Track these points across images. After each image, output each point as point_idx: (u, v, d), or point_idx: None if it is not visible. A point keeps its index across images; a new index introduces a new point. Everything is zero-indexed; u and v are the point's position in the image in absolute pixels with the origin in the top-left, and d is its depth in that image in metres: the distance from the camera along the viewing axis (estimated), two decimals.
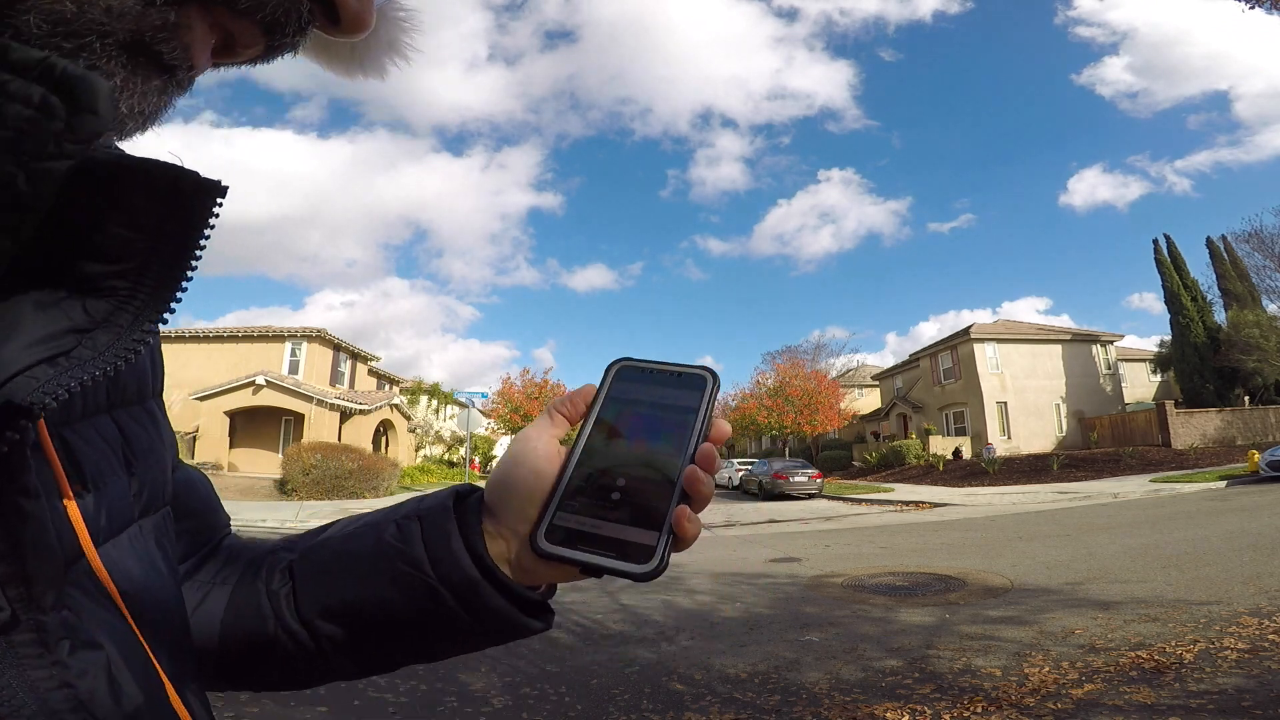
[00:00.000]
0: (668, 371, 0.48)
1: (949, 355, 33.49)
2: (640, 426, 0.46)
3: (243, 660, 0.51)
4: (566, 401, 0.48)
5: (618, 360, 0.49)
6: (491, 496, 0.47)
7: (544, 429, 0.47)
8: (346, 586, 0.49)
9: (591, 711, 3.92)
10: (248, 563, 0.55)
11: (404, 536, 0.48)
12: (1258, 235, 30.09)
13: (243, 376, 25.18)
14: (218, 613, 0.52)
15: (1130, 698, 3.67)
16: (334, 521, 0.55)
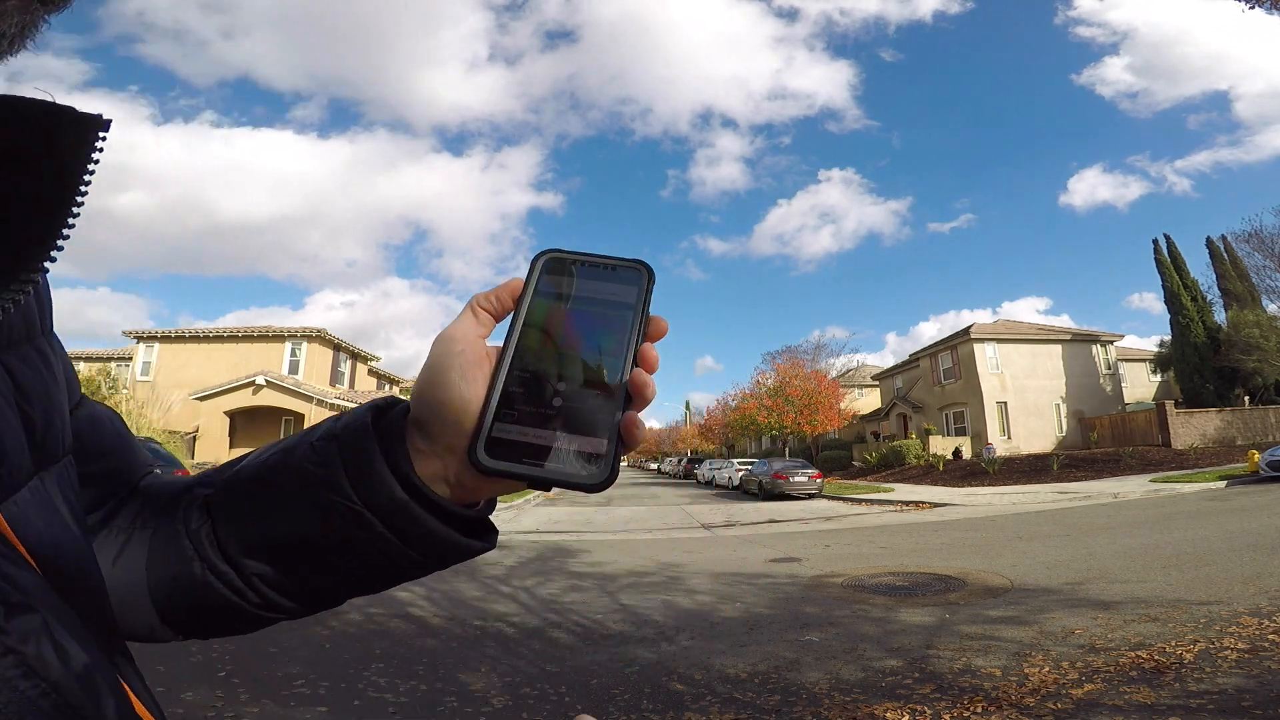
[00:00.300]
0: (600, 264, 0.45)
1: (949, 355, 33.48)
2: (575, 325, 0.43)
3: (178, 608, 0.48)
4: (491, 296, 0.44)
5: (544, 251, 0.46)
6: (419, 410, 0.42)
7: (468, 328, 0.43)
8: (266, 519, 0.46)
9: (591, 711, 3.92)
10: (165, 503, 0.51)
11: (320, 459, 0.45)
12: (1258, 235, 30.09)
13: (243, 376, 25.19)
14: (141, 560, 0.48)
15: (1130, 698, 3.67)
16: (254, 450, 0.51)
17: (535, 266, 0.45)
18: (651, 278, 0.45)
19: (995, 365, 31.48)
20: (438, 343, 0.43)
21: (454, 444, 0.42)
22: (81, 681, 0.32)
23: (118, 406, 20.87)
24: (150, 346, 27.33)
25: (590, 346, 0.42)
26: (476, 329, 0.43)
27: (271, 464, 0.47)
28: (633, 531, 14.11)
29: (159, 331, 27.64)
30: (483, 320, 0.43)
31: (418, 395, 0.42)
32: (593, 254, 0.45)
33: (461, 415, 0.41)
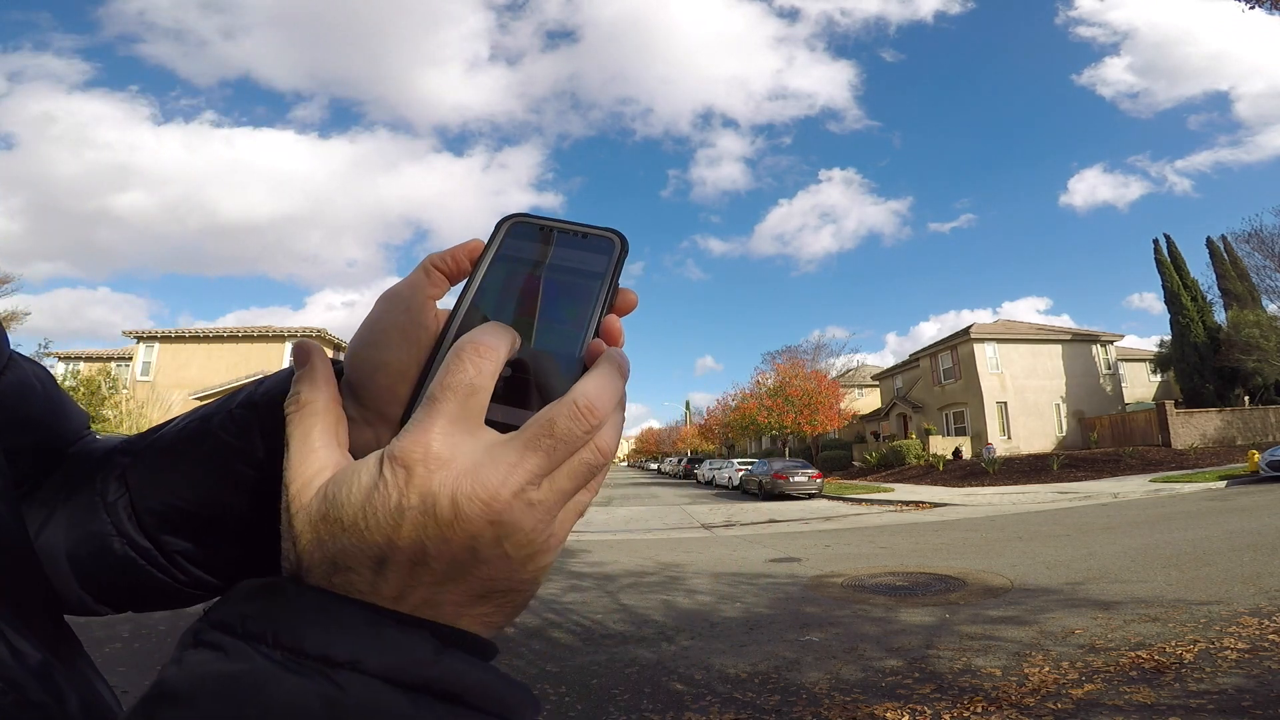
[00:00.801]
0: (570, 231, 0.41)
1: (949, 355, 33.48)
2: (536, 293, 0.39)
3: (103, 585, 0.45)
4: (447, 256, 0.39)
5: (511, 215, 0.42)
6: (352, 371, 0.38)
7: (418, 287, 0.38)
8: (180, 493, 0.42)
9: (591, 711, 3.92)
10: (85, 473, 0.47)
11: (239, 429, 0.41)
12: (1258, 235, 30.10)
13: (242, 376, 25.16)
14: (61, 535, 0.44)
15: (1130, 698, 3.67)
16: (178, 416, 0.48)
17: (499, 230, 0.41)
18: (624, 248, 0.41)
19: (995, 365, 31.49)
20: (381, 299, 0.38)
21: (387, 412, 0.37)
22: (40, 678, 0.30)
23: (117, 407, 20.87)
24: (150, 346, 27.33)
25: (549, 316, 0.38)
26: (427, 289, 0.38)
27: (188, 433, 0.44)
28: (633, 531, 14.11)
29: (159, 331, 27.65)
30: (435, 280, 0.39)
31: (352, 355, 0.38)
32: (564, 220, 0.41)
33: (398, 380, 0.36)
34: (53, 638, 0.35)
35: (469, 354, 0.30)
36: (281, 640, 0.26)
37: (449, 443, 0.29)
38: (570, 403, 0.30)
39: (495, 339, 0.32)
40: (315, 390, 0.35)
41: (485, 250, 0.39)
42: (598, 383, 0.32)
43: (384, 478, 0.28)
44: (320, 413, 0.34)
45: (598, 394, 0.31)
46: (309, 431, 0.33)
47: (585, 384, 0.31)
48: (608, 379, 0.32)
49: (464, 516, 0.28)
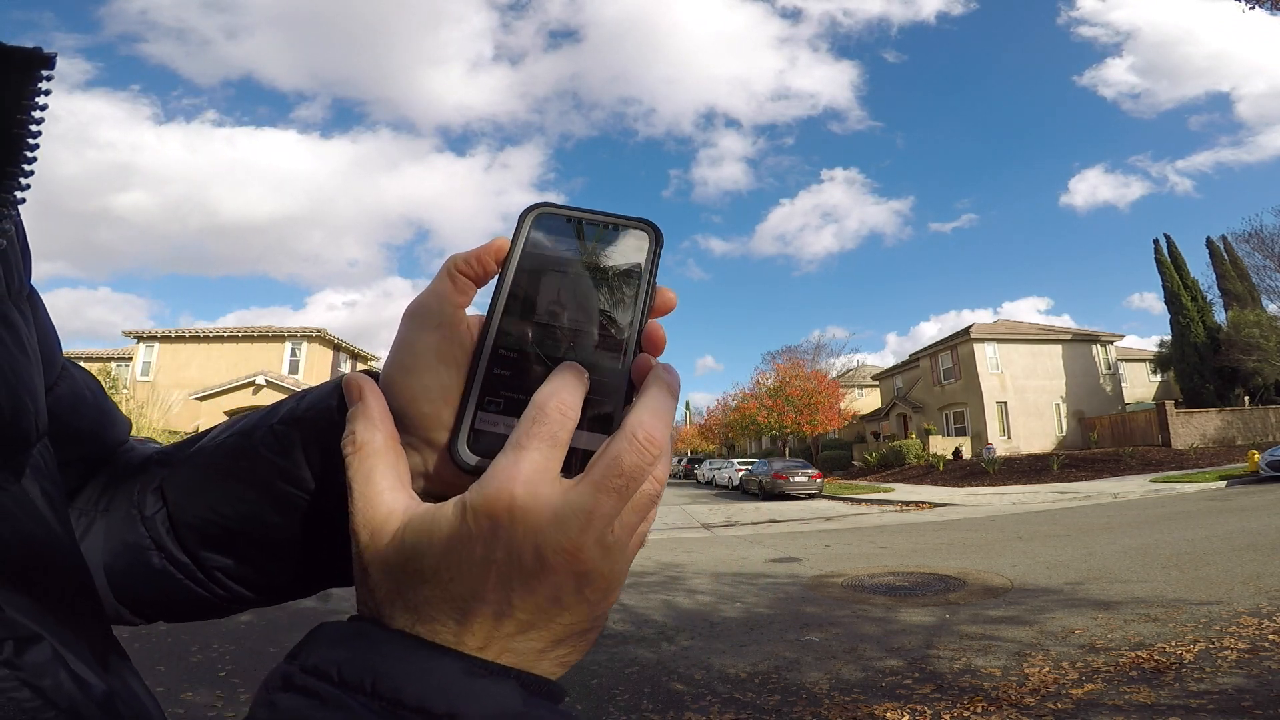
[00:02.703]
0: (600, 222, 0.38)
1: (949, 355, 33.49)
2: (570, 296, 0.36)
3: (140, 597, 0.44)
4: (472, 259, 0.36)
5: (535, 205, 0.38)
6: (390, 397, 0.36)
7: (444, 298, 0.36)
8: (220, 509, 0.41)
9: (591, 711, 3.92)
10: (123, 484, 0.47)
11: (281, 446, 0.40)
12: (1258, 235, 30.12)
13: (243, 376, 25.20)
14: (99, 546, 0.44)
15: (1130, 698, 3.67)
16: (211, 428, 0.47)
17: (524, 223, 0.38)
18: (659, 240, 0.38)
19: (995, 365, 31.49)
20: (409, 317, 0.36)
21: (432, 436, 0.36)
22: (103, 709, 0.30)
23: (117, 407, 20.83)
24: (150, 346, 27.34)
25: (587, 323, 0.36)
26: (454, 297, 0.36)
27: (229, 448, 0.43)
28: None
29: (159, 331, 27.65)
30: (461, 287, 0.36)
31: (388, 381, 0.36)
32: (591, 210, 0.38)
33: (439, 406, 0.35)
34: (104, 652, 0.36)
35: (554, 408, 0.30)
36: (379, 690, 0.26)
37: (531, 493, 0.28)
38: (630, 436, 0.30)
39: (576, 394, 0.32)
40: (372, 429, 0.33)
41: (511, 248, 0.37)
42: (653, 410, 0.31)
43: (466, 528, 0.28)
44: (380, 453, 0.33)
45: (653, 423, 0.30)
46: (370, 474, 0.32)
47: (641, 412, 0.31)
48: (661, 404, 0.32)
49: (549, 567, 0.28)
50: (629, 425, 0.30)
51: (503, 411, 0.34)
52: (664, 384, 0.33)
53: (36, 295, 0.46)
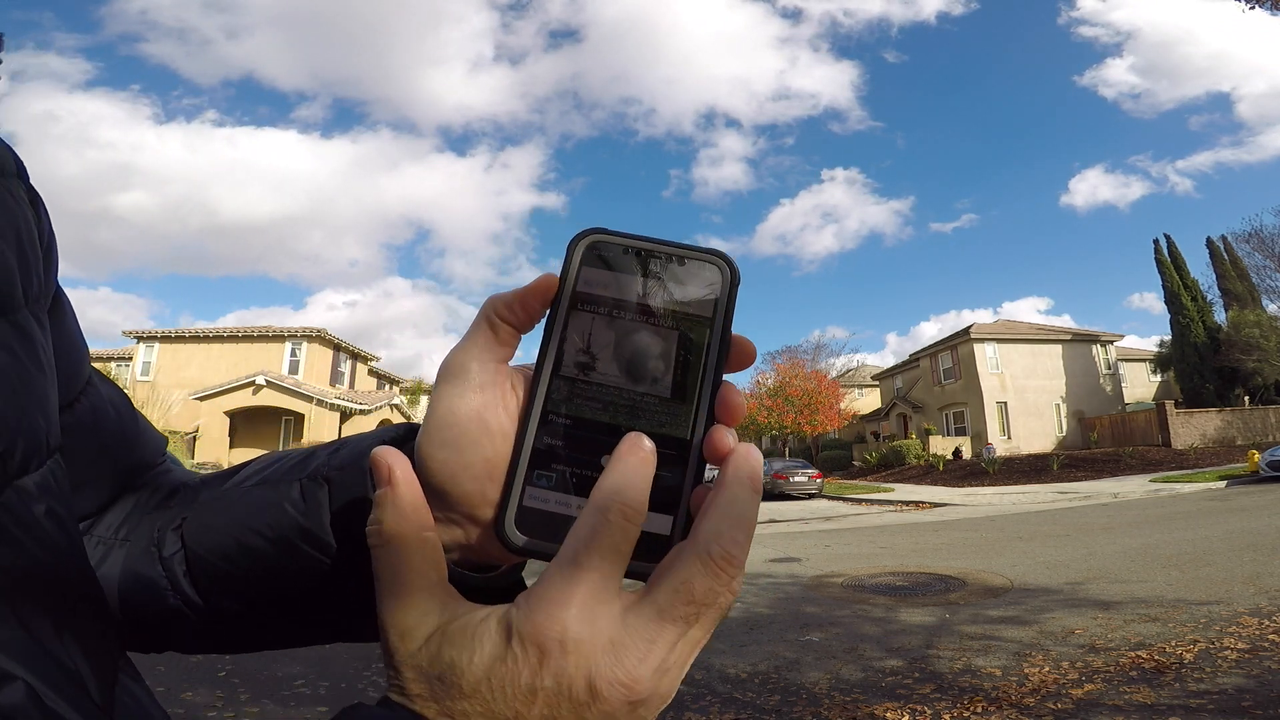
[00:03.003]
0: (663, 253, 0.32)
1: (949, 355, 33.49)
2: (629, 347, 0.31)
3: (148, 629, 0.43)
4: (514, 302, 0.32)
5: (586, 232, 0.32)
6: (429, 473, 0.32)
7: (485, 352, 0.32)
8: (240, 563, 0.40)
9: None
10: (145, 516, 0.45)
11: (308, 506, 0.38)
12: (1258, 235, 30.14)
13: (243, 376, 25.20)
14: (115, 576, 0.42)
15: (1130, 698, 3.67)
16: (243, 465, 0.45)
17: (573, 255, 0.32)
18: (735, 277, 0.32)
19: (995, 365, 31.49)
20: (446, 378, 0.32)
21: (475, 514, 0.32)
22: None
23: None
24: (150, 346, 27.34)
25: (650, 381, 0.31)
26: (495, 350, 0.32)
27: (254, 500, 0.41)
28: None
29: (159, 331, 27.66)
30: (503, 337, 0.32)
31: (424, 457, 0.32)
32: (652, 239, 0.32)
33: (484, 482, 0.31)
34: (112, 678, 0.35)
35: (616, 515, 0.27)
36: None
37: (586, 619, 0.26)
38: (705, 555, 0.26)
39: (642, 490, 0.28)
40: (401, 521, 0.29)
41: (560, 286, 0.31)
42: (734, 520, 0.27)
43: (513, 652, 0.26)
44: (410, 547, 0.29)
45: (733, 538, 0.27)
46: (398, 571, 0.29)
47: (719, 521, 0.27)
48: (743, 510, 0.27)
49: (602, 698, 0.26)
50: (704, 539, 0.27)
51: (554, 487, 0.30)
52: (745, 481, 0.28)
53: (64, 301, 0.43)
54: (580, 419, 0.31)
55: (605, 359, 0.31)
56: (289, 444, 23.79)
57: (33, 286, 0.36)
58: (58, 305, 0.43)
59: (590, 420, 0.31)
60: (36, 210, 0.40)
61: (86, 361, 0.45)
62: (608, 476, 0.28)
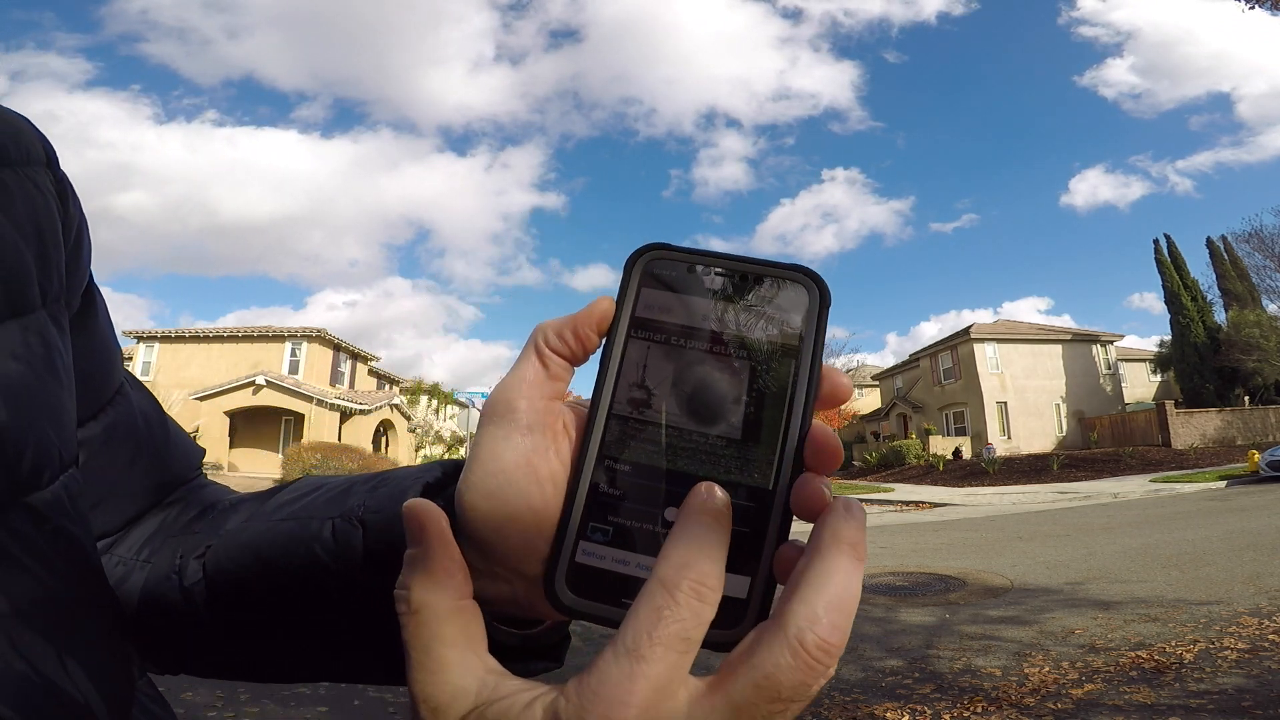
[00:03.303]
0: (737, 271, 0.28)
1: (949, 355, 33.49)
2: (698, 381, 0.27)
3: (165, 654, 0.42)
4: (568, 332, 0.28)
5: (647, 248, 0.28)
6: (471, 525, 0.28)
7: (534, 389, 0.28)
8: (264, 601, 0.38)
9: None
10: (168, 539, 0.43)
11: (339, 550, 0.35)
12: (1258, 235, 30.17)
13: (243, 376, 25.21)
14: (133, 600, 0.41)
15: (1130, 698, 3.67)
16: (277, 489, 0.43)
17: (633, 271, 0.28)
18: (825, 299, 0.27)
19: (995, 365, 31.50)
20: (490, 417, 0.28)
21: (522, 569, 0.29)
22: None
23: None
24: (150, 346, 27.35)
25: (725, 423, 0.26)
26: (545, 385, 0.28)
27: (283, 535, 0.38)
28: None
29: (159, 331, 27.67)
30: (555, 370, 0.28)
31: (467, 506, 0.28)
32: (724, 255, 0.28)
33: (532, 535, 0.27)
34: (125, 700, 0.34)
35: (688, 595, 0.22)
36: None
37: (648, 716, 0.21)
38: (795, 645, 0.21)
39: (717, 562, 0.23)
40: (434, 591, 0.25)
41: (618, 312, 0.28)
42: (833, 602, 0.22)
43: None
44: (443, 619, 0.25)
45: (832, 623, 0.22)
46: (429, 644, 0.25)
47: (815, 603, 0.22)
48: (845, 589, 0.22)
49: None
50: (795, 623, 0.22)
51: (611, 542, 0.26)
52: (846, 549, 0.23)
53: (96, 300, 0.40)
54: (642, 465, 0.27)
55: (671, 395, 0.27)
56: (289, 444, 23.79)
57: (52, 285, 0.34)
58: (89, 305, 0.40)
59: (653, 467, 0.27)
60: (64, 201, 0.37)
61: (118, 366, 0.42)
62: (676, 543, 0.23)
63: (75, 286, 0.38)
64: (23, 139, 0.36)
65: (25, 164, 0.35)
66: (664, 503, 0.26)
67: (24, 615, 0.29)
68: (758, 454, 0.26)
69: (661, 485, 0.26)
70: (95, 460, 0.39)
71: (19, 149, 0.35)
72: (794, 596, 0.22)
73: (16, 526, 0.30)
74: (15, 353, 0.30)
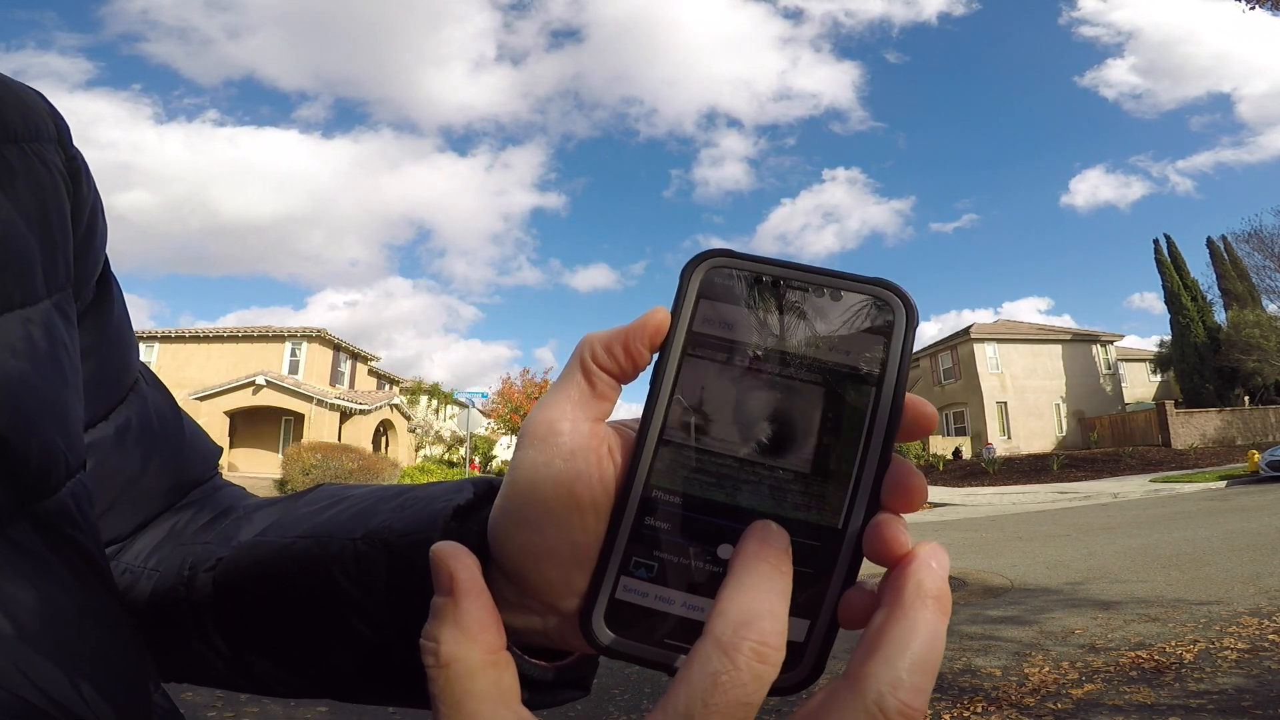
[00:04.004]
0: (810, 283, 0.25)
1: (949, 355, 33.50)
2: (760, 405, 0.24)
3: (169, 665, 0.40)
4: (617, 346, 0.25)
5: (706, 255, 0.25)
6: (505, 555, 0.27)
7: (578, 409, 0.25)
8: (278, 625, 0.36)
9: (591, 711, 3.92)
10: (179, 546, 0.40)
11: (360, 573, 0.33)
12: (1258, 235, 30.18)
13: (243, 376, 25.20)
14: (139, 610, 0.39)
15: (1130, 698, 3.67)
16: (296, 496, 0.41)
17: (689, 281, 0.25)
18: (911, 318, 0.24)
19: (995, 365, 31.50)
20: (529, 439, 0.25)
21: (558, 604, 0.26)
22: None
23: None
24: (150, 346, 27.35)
25: (791, 450, 0.24)
26: (590, 405, 0.25)
27: (299, 554, 0.35)
28: None
29: (159, 331, 27.67)
30: (601, 389, 0.25)
31: (501, 537, 0.26)
32: (795, 264, 0.25)
33: (571, 568, 0.25)
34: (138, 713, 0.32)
35: (748, 658, 0.20)
36: None
37: None
38: (874, 710, 0.19)
39: (781, 624, 0.21)
40: (464, 643, 0.23)
41: (673, 325, 0.25)
42: (915, 660, 0.20)
43: None
44: (475, 674, 0.23)
45: (915, 687, 0.19)
46: (461, 700, 0.22)
47: (896, 664, 0.19)
48: (927, 645, 0.20)
49: None
50: (876, 687, 0.19)
51: (655, 579, 0.24)
52: (930, 603, 0.21)
53: (112, 288, 0.37)
54: (694, 497, 0.24)
55: (730, 420, 0.24)
56: (289, 444, 23.79)
57: (58, 273, 0.31)
58: (104, 293, 0.37)
59: (707, 499, 0.24)
60: (76, 182, 0.35)
61: (134, 361, 0.40)
62: (733, 595, 0.21)
63: (86, 275, 0.35)
64: (32, 114, 0.33)
65: (33, 139, 0.32)
66: (717, 539, 0.24)
67: (30, 636, 0.26)
68: (827, 490, 0.24)
69: (715, 520, 0.24)
70: (107, 462, 0.37)
71: (26, 124, 0.32)
72: (874, 656, 0.20)
73: (20, 539, 0.27)
74: (15, 348, 0.28)
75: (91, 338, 0.36)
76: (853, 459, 0.23)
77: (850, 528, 0.23)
